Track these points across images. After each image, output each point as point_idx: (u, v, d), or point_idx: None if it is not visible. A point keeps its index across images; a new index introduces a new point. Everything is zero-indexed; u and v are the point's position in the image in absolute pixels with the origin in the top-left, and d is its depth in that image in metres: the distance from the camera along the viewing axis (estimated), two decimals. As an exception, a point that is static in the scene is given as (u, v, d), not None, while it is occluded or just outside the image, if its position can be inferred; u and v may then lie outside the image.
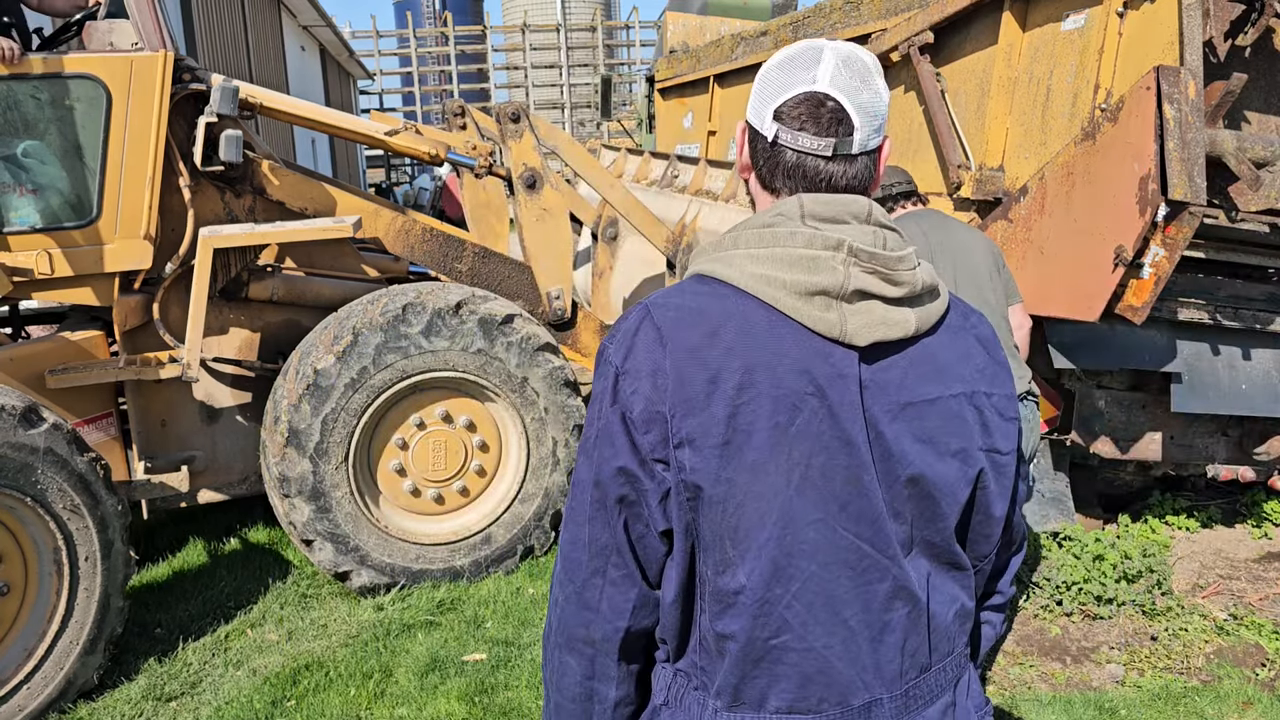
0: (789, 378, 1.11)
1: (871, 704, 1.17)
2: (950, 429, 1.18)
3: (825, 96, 1.13)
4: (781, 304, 1.12)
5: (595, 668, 1.22)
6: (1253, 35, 3.29)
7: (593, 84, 27.37)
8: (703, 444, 1.10)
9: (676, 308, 1.15)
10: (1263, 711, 3.39)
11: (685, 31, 8.36)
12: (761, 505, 1.11)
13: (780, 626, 1.13)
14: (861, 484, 1.13)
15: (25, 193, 3.78)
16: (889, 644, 1.16)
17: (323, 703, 3.43)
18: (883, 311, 1.13)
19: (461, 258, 4.70)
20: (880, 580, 1.15)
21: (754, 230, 1.16)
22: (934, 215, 3.41)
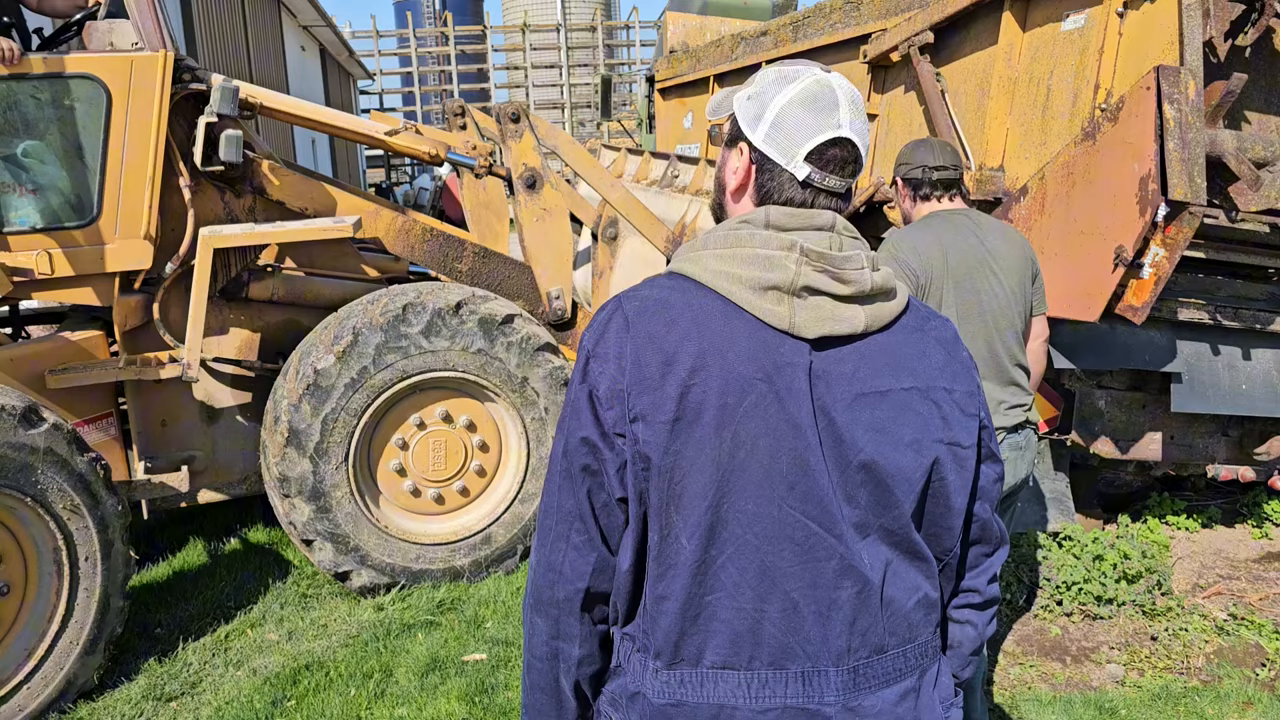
0: (739, 364, 1.22)
1: (812, 673, 1.25)
2: (903, 420, 1.26)
3: (849, 142, 1.27)
4: (737, 297, 1.23)
5: (560, 628, 1.33)
6: (1253, 35, 3.29)
7: (593, 84, 27.38)
8: (654, 419, 1.22)
9: (643, 299, 1.28)
10: (1263, 711, 3.39)
11: (685, 31, 8.36)
12: (704, 477, 1.22)
13: (714, 585, 1.24)
14: (808, 466, 1.22)
15: (25, 193, 3.78)
16: (836, 620, 1.24)
17: (323, 703, 3.43)
18: (831, 307, 1.24)
19: (462, 258, 4.70)
20: (827, 559, 1.23)
21: (721, 233, 1.29)
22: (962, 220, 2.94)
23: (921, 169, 2.92)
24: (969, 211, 2.97)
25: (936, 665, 1.36)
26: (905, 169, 2.97)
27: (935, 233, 2.82)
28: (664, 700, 1.27)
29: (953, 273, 2.76)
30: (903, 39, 4.55)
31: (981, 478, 1.39)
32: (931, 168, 2.92)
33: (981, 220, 2.93)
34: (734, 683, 1.25)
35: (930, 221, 2.90)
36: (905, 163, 2.97)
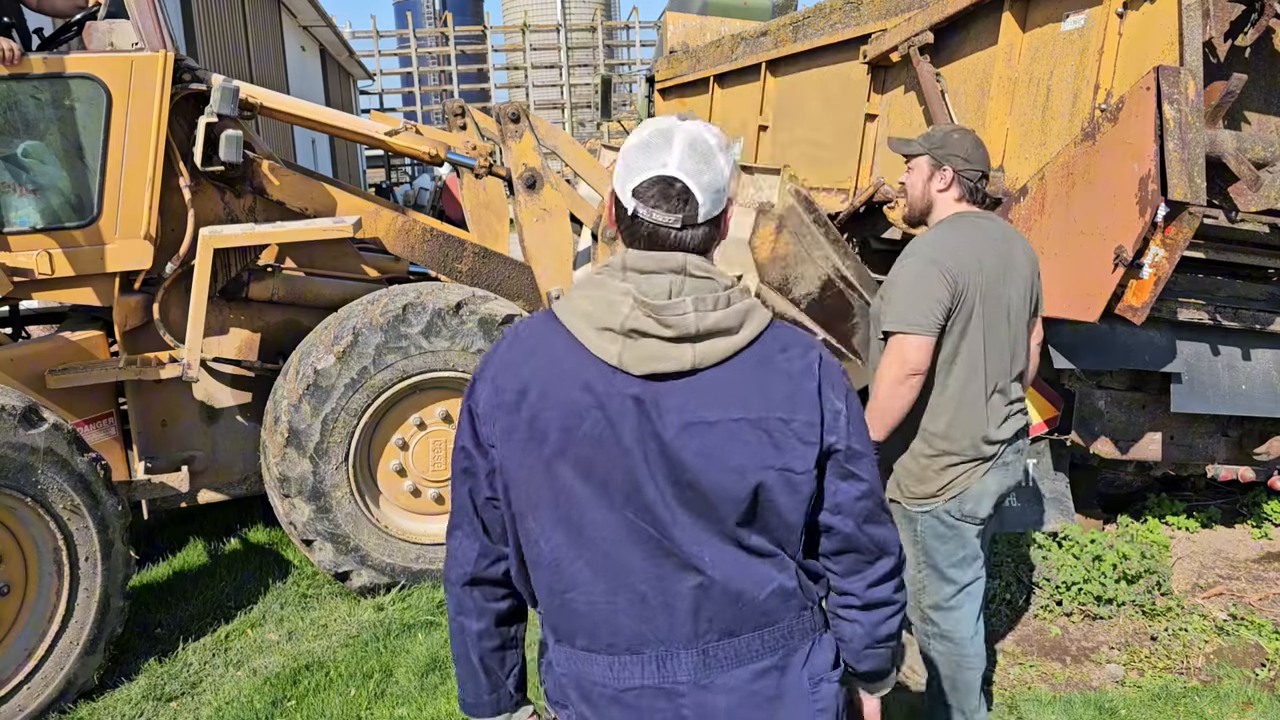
0: (577, 393, 1.40)
1: (666, 656, 1.44)
2: (730, 447, 1.40)
3: (674, 179, 1.39)
4: (581, 335, 1.41)
5: (460, 605, 1.56)
6: (1253, 36, 3.29)
7: (593, 84, 27.36)
8: (511, 439, 1.44)
9: (514, 334, 1.50)
10: (1262, 711, 3.39)
11: (685, 32, 8.35)
12: (554, 489, 1.42)
13: (570, 583, 1.45)
14: (637, 481, 1.40)
15: (25, 193, 3.78)
16: (680, 609, 1.43)
17: (323, 703, 3.43)
18: (659, 347, 1.39)
19: (462, 258, 4.70)
20: (667, 558, 1.42)
21: (589, 278, 1.46)
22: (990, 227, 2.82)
23: (981, 174, 2.82)
24: (992, 216, 2.90)
25: (810, 645, 1.52)
26: (965, 166, 2.80)
27: (970, 238, 2.75)
28: (562, 670, 1.51)
29: (985, 281, 2.71)
30: (902, 39, 4.55)
31: (840, 494, 1.50)
32: (984, 175, 2.84)
33: (1007, 227, 2.88)
34: (601, 664, 1.46)
35: (961, 225, 2.79)
36: (965, 158, 2.80)
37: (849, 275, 4.49)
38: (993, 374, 2.76)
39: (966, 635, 2.92)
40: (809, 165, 5.70)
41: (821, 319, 4.52)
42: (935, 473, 2.81)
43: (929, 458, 2.81)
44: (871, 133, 5.14)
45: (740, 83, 6.76)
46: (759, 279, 4.41)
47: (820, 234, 4.41)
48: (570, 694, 1.50)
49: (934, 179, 2.84)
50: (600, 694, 1.46)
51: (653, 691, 1.44)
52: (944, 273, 2.66)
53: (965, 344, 2.72)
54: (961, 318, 2.70)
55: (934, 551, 2.88)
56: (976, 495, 2.82)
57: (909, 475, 2.87)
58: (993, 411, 2.78)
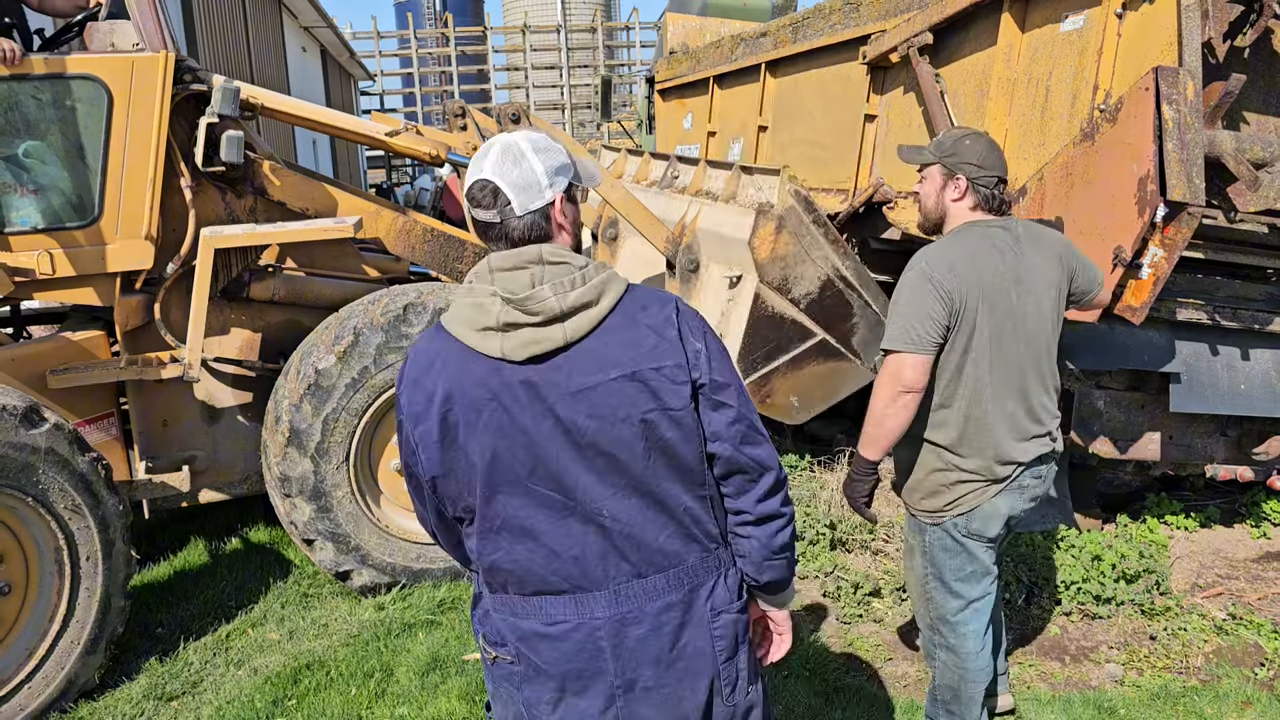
0: (473, 390, 1.64)
1: (583, 597, 1.69)
2: (614, 402, 1.63)
3: (486, 181, 1.64)
4: (466, 339, 1.64)
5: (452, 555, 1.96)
6: (1251, 36, 3.30)
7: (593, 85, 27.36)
8: (428, 441, 1.68)
9: (415, 351, 1.73)
10: (1262, 711, 3.39)
11: (685, 33, 8.37)
12: (470, 476, 1.67)
13: (494, 548, 1.71)
14: (539, 455, 1.64)
15: (27, 193, 3.79)
16: (588, 560, 1.68)
17: (324, 702, 3.43)
18: (530, 334, 1.61)
19: (462, 258, 4.71)
20: (570, 516, 1.67)
21: (464, 288, 1.68)
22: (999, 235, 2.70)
23: (995, 180, 2.70)
24: (1007, 223, 2.74)
25: (714, 581, 1.76)
26: (980, 173, 2.70)
27: (970, 250, 2.65)
28: (497, 615, 1.77)
29: (988, 295, 2.61)
30: (902, 40, 4.55)
31: (714, 423, 1.71)
32: (1000, 180, 2.72)
33: (1020, 232, 2.72)
34: (530, 606, 1.72)
35: (965, 236, 2.69)
36: (978, 165, 2.70)
37: (848, 275, 4.50)
38: (1004, 391, 2.67)
39: (973, 650, 2.89)
40: (808, 166, 5.70)
41: (821, 319, 4.53)
42: (944, 488, 2.77)
43: (937, 472, 2.77)
44: (871, 133, 5.14)
45: (740, 83, 6.77)
46: (759, 279, 4.42)
47: (820, 234, 4.41)
48: (506, 635, 1.75)
49: (947, 189, 2.76)
50: (531, 630, 1.72)
51: (573, 626, 1.70)
52: (939, 289, 2.59)
53: (969, 360, 2.65)
54: (963, 334, 2.63)
55: (941, 564, 2.85)
56: (985, 515, 2.77)
57: (917, 489, 2.85)
58: (1008, 431, 2.69)
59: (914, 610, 3.10)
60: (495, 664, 1.79)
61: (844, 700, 3.44)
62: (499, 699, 1.83)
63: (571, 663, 1.70)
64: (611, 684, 1.71)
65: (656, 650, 1.71)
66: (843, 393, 4.77)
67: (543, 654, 1.71)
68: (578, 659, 1.70)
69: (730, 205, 4.75)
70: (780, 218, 4.36)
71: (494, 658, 1.78)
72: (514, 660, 1.75)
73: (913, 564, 2.99)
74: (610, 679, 1.70)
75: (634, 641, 1.69)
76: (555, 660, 1.71)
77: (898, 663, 3.75)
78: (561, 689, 1.72)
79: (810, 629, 3.96)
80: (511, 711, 1.79)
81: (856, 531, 4.57)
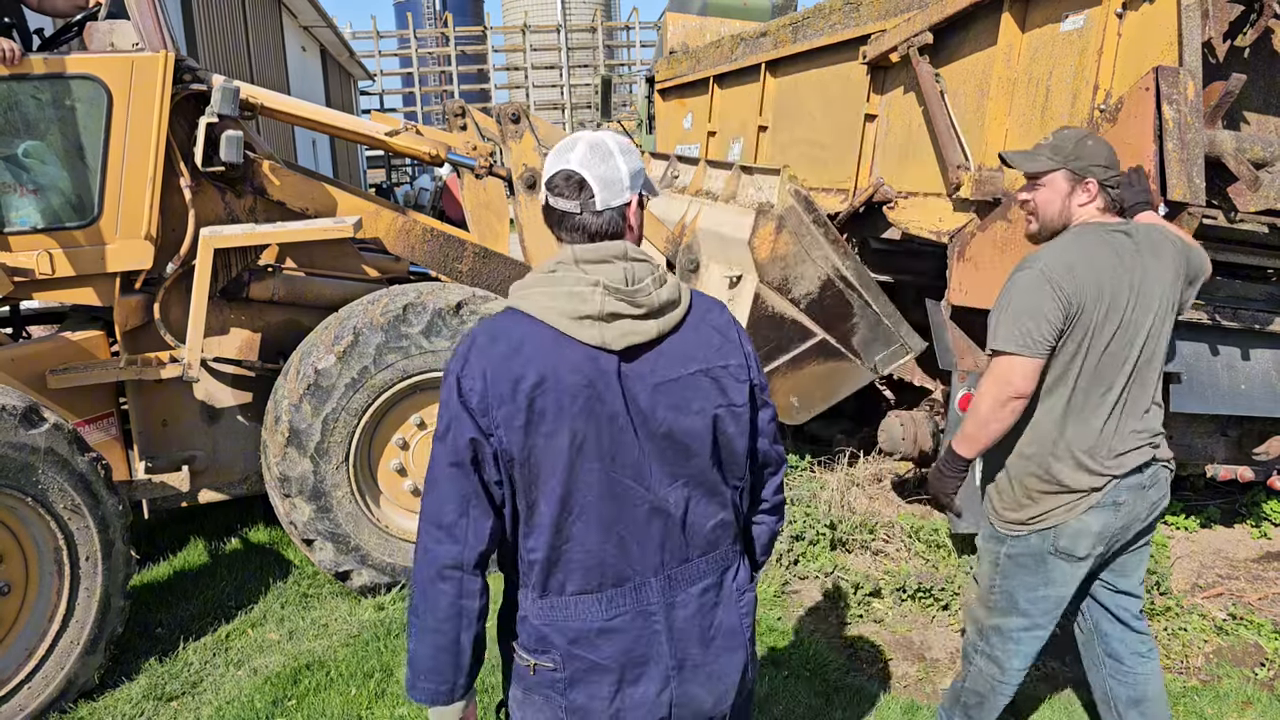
0: (568, 376, 1.65)
1: (641, 585, 1.75)
2: (691, 396, 1.73)
3: (572, 172, 1.68)
4: (562, 326, 1.66)
5: (464, 588, 1.71)
6: (1252, 36, 3.29)
7: (593, 85, 27.37)
8: (511, 425, 1.65)
9: (491, 333, 1.70)
10: (1262, 711, 3.39)
11: (685, 32, 8.36)
12: (553, 462, 1.67)
13: (567, 539, 1.71)
14: (624, 443, 1.69)
15: (26, 193, 3.78)
16: (650, 546, 1.75)
17: (324, 702, 3.43)
18: (630, 325, 1.68)
19: (462, 258, 4.71)
20: (640, 504, 1.72)
21: (543, 275, 1.71)
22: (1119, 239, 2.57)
23: (1120, 179, 2.61)
24: (1128, 226, 2.62)
25: (736, 564, 1.88)
26: (1108, 175, 2.60)
27: (1090, 252, 2.53)
28: (540, 621, 1.75)
29: (1105, 300, 2.49)
30: (902, 40, 4.55)
31: (760, 420, 1.88)
32: (1118, 176, 2.61)
33: (1140, 237, 2.59)
34: (589, 603, 1.74)
35: (1086, 238, 2.57)
36: (1105, 165, 2.60)
37: (848, 275, 4.50)
38: (1108, 402, 2.56)
39: (1017, 668, 2.80)
40: (808, 166, 5.70)
41: (821, 319, 4.53)
42: (1031, 500, 2.64)
43: (1029, 480, 2.63)
44: (871, 133, 5.14)
45: (740, 83, 6.77)
46: (759, 279, 4.42)
47: (820, 234, 4.41)
48: (554, 639, 1.74)
49: (1075, 194, 2.62)
50: (588, 630, 1.73)
51: (632, 615, 1.75)
52: (1057, 290, 2.47)
53: (1076, 366, 2.53)
54: (1074, 339, 2.51)
55: (1013, 576, 2.72)
56: (1074, 532, 2.61)
57: (1002, 498, 2.71)
58: (1107, 441, 2.57)
59: (963, 606, 2.98)
60: (535, 671, 1.76)
61: (844, 700, 3.44)
62: (529, 706, 1.80)
63: (631, 652, 1.75)
64: (667, 666, 1.77)
65: (700, 629, 1.81)
66: (843, 393, 4.77)
67: (602, 650, 1.74)
68: (636, 647, 1.75)
69: (730, 205, 4.75)
70: (780, 218, 4.36)
71: (532, 665, 1.76)
72: (556, 667, 1.74)
73: (980, 570, 2.85)
74: (666, 661, 1.77)
75: (682, 623, 1.78)
76: (615, 654, 1.74)
77: (898, 663, 3.75)
78: (620, 681, 1.75)
79: (810, 629, 3.96)
80: (545, 717, 1.78)
81: (856, 532, 4.57)
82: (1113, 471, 2.58)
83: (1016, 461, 2.65)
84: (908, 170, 4.80)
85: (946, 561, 4.45)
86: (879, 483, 5.23)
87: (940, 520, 4.71)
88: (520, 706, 1.82)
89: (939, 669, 3.71)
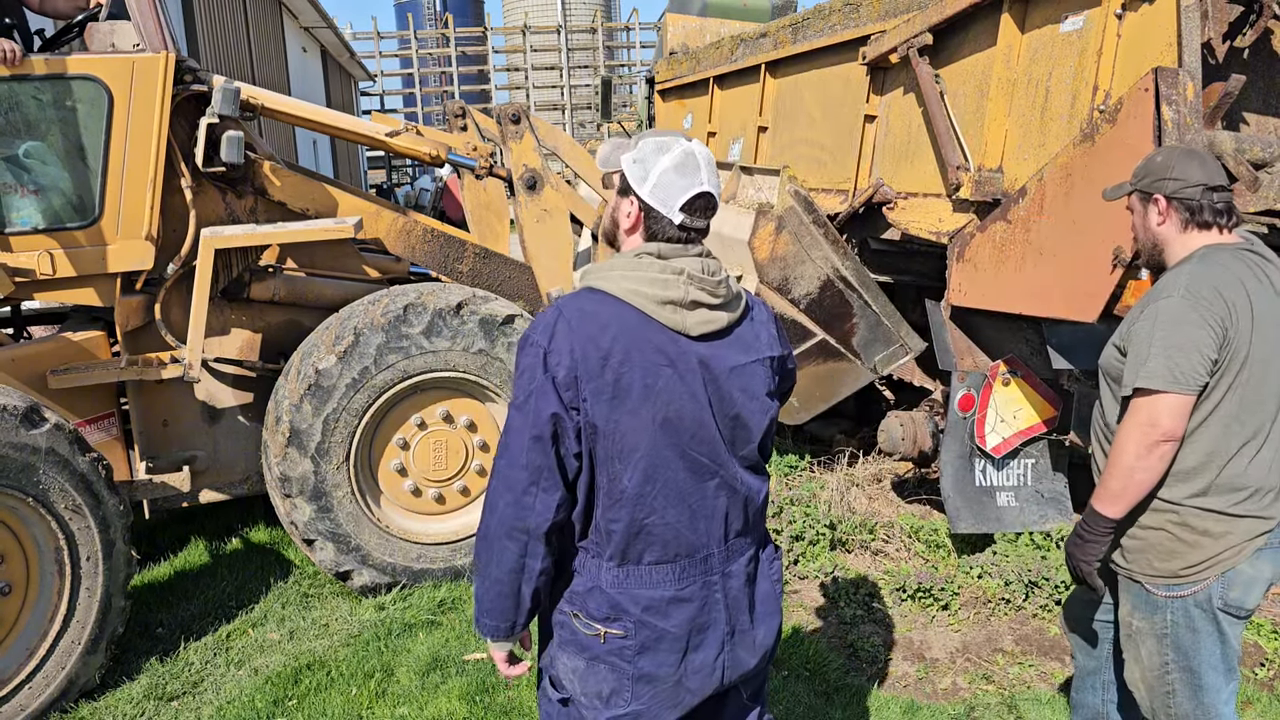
0: (652, 355, 1.78)
1: (707, 556, 1.89)
2: (755, 382, 1.90)
3: (709, 194, 1.83)
4: (646, 309, 1.78)
5: (528, 549, 1.81)
6: (1251, 37, 3.30)
7: (593, 85, 27.36)
8: (598, 398, 1.76)
9: (579, 309, 1.79)
10: (1262, 711, 3.40)
11: (685, 33, 8.36)
12: (637, 436, 1.78)
13: (649, 511, 1.82)
14: (702, 421, 1.83)
15: (27, 193, 3.79)
16: (716, 518, 1.89)
17: (324, 702, 3.44)
18: (708, 314, 1.83)
19: (462, 258, 4.71)
20: (711, 479, 1.86)
21: (625, 259, 1.83)
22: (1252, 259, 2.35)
23: (1201, 189, 2.34)
24: (1252, 242, 2.40)
25: (764, 536, 2.06)
26: (1177, 186, 2.36)
27: (1230, 273, 2.28)
28: (615, 590, 1.85)
29: (1258, 326, 2.25)
30: (901, 41, 4.56)
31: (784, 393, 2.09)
32: (1211, 188, 2.34)
33: (1264, 251, 2.39)
34: (664, 572, 1.86)
35: (1219, 259, 2.31)
36: (1174, 178, 2.37)
37: (848, 275, 4.50)
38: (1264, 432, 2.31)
39: None
40: (808, 166, 5.70)
41: (821, 319, 4.54)
42: (1185, 544, 2.32)
43: (1175, 529, 2.32)
44: (871, 134, 5.14)
45: (740, 84, 6.77)
46: (759, 279, 4.42)
47: (819, 234, 4.42)
48: (628, 608, 1.85)
49: (1149, 215, 2.45)
50: (661, 599, 1.85)
51: (700, 583, 1.88)
52: (1207, 317, 2.22)
53: (1230, 398, 2.27)
54: (1230, 369, 2.25)
55: (1189, 650, 2.35)
56: (1248, 580, 2.30)
57: (1153, 547, 2.36)
58: (1269, 478, 2.30)
59: (1148, 708, 2.50)
60: (606, 640, 1.85)
61: (844, 700, 3.44)
62: (591, 676, 1.88)
63: (696, 620, 1.88)
64: (723, 633, 1.91)
65: (748, 598, 1.97)
66: (843, 393, 4.78)
67: (672, 618, 1.85)
68: (701, 615, 1.88)
69: (730, 205, 4.75)
70: (780, 218, 4.36)
71: (602, 634, 1.85)
72: (628, 634, 1.84)
73: (1143, 653, 2.44)
74: (722, 628, 1.91)
75: (735, 592, 1.93)
76: (683, 621, 1.86)
77: (897, 663, 3.75)
78: (685, 648, 1.87)
79: (810, 629, 3.96)
80: (609, 686, 1.87)
81: (856, 532, 4.57)
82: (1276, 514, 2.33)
83: (1161, 511, 2.35)
84: (907, 171, 4.80)
85: (946, 561, 4.46)
86: (879, 483, 5.23)
87: (940, 520, 4.72)
88: (582, 677, 1.89)
89: (939, 669, 3.71)
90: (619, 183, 1.88)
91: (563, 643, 1.92)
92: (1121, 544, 2.43)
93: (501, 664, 1.99)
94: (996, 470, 4.37)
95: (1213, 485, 2.29)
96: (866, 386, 4.99)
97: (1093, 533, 2.37)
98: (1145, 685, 2.48)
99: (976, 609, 4.09)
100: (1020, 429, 4.33)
